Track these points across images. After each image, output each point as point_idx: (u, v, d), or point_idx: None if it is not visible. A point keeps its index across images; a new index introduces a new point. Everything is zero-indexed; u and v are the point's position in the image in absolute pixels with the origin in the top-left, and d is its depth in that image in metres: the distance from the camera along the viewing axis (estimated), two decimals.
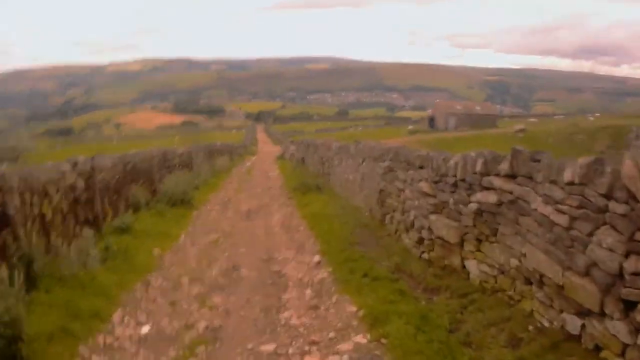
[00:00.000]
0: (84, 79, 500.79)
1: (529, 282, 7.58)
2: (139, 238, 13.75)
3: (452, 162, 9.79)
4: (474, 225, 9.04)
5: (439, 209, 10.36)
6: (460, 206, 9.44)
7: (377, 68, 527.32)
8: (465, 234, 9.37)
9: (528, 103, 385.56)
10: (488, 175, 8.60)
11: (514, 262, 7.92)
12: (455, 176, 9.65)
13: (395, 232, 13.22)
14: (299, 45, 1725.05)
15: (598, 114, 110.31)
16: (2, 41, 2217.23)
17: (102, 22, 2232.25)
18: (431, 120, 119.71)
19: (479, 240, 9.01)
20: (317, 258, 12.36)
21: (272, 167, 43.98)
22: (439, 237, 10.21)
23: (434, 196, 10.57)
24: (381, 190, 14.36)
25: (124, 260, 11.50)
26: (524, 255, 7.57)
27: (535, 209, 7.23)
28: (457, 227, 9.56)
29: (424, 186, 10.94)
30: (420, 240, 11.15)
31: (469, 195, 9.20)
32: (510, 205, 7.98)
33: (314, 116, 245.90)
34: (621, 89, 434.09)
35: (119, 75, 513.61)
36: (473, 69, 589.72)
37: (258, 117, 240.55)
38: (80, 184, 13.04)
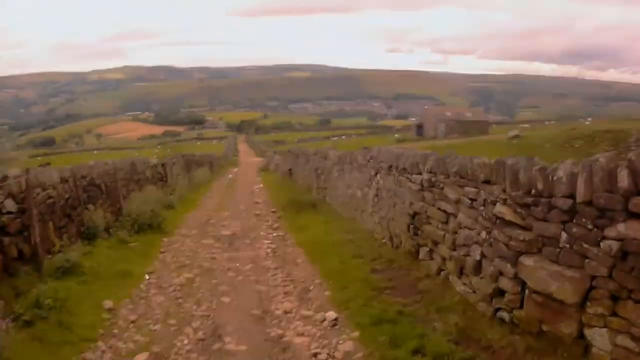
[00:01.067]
0: (66, 87, 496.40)
1: None
2: (88, 282, 10.10)
3: (560, 174, 6.11)
4: (610, 276, 5.44)
5: (535, 247, 6.62)
6: (585, 245, 5.76)
7: (359, 76, 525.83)
8: (593, 288, 5.72)
9: (512, 110, 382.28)
10: None
11: None
12: (571, 197, 5.95)
13: (439, 273, 9.52)
14: (280, 53, 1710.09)
15: (590, 119, 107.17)
16: None
17: (84, 27, 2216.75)
18: (419, 128, 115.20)
19: (616, 299, 5.50)
20: (331, 314, 8.73)
21: (255, 179, 40.34)
22: (538, 292, 6.48)
23: (526, 228, 6.80)
24: (415, 214, 10.61)
25: (58, 322, 7.96)
26: None
27: None
28: (578, 279, 5.87)
29: (504, 211, 7.17)
30: (498, 292, 7.40)
31: (601, 228, 5.55)
32: None
33: (296, 125, 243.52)
34: (607, 94, 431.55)
35: (102, 84, 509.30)
36: (456, 75, 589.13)
37: (239, 127, 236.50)
38: (10, 206, 9.46)
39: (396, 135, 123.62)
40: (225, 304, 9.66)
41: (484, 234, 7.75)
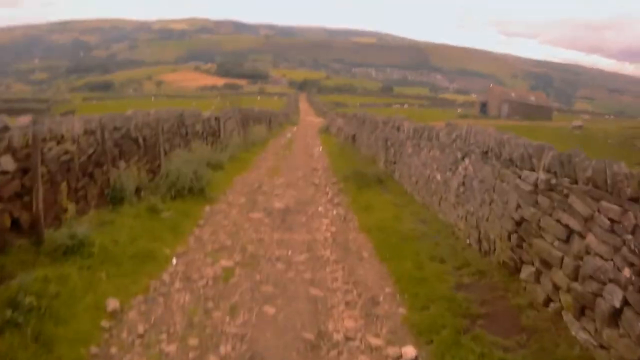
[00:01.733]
0: (129, 34, 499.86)
1: None
2: (95, 267, 7.94)
3: None
4: None
5: None
6: None
7: (423, 47, 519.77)
8: None
9: (570, 99, 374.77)
10: None
11: None
12: None
13: (547, 304, 7.15)
14: (349, 17, 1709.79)
15: None
16: None
17: None
18: (483, 106, 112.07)
19: None
20: (409, 351, 6.42)
21: (315, 141, 38.23)
22: None
23: None
24: (522, 220, 8.18)
25: (36, 333, 5.78)
26: None
27: None
28: None
29: None
30: None
31: None
32: None
33: (358, 89, 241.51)
34: None
35: (165, 33, 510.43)
36: (518, 58, 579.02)
37: (301, 86, 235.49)
38: (8, 164, 7.42)
39: (459, 110, 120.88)
40: (268, 316, 7.33)
41: (627, 273, 5.33)
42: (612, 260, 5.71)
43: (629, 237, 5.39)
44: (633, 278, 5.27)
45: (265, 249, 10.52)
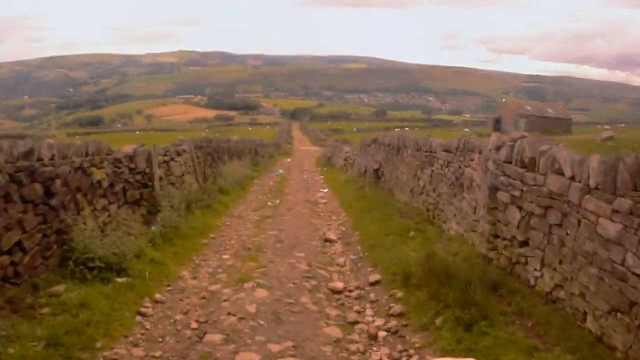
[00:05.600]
0: (118, 68, 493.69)
1: None
2: None
3: None
4: None
5: None
6: None
7: (414, 70, 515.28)
8: None
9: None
10: None
11: None
12: None
13: None
14: (337, 44, 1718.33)
15: None
16: (36, 27, 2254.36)
17: (139, 10, 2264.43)
18: (497, 122, 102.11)
19: None
20: None
21: (316, 179, 27.81)
22: None
23: None
24: None
25: None
26: None
27: None
28: None
29: None
30: None
31: None
32: None
33: (352, 115, 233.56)
34: None
35: (155, 67, 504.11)
36: (509, 74, 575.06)
37: (294, 115, 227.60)
38: None
39: (466, 129, 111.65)
40: None
41: None
42: None
43: None
44: None
45: None
